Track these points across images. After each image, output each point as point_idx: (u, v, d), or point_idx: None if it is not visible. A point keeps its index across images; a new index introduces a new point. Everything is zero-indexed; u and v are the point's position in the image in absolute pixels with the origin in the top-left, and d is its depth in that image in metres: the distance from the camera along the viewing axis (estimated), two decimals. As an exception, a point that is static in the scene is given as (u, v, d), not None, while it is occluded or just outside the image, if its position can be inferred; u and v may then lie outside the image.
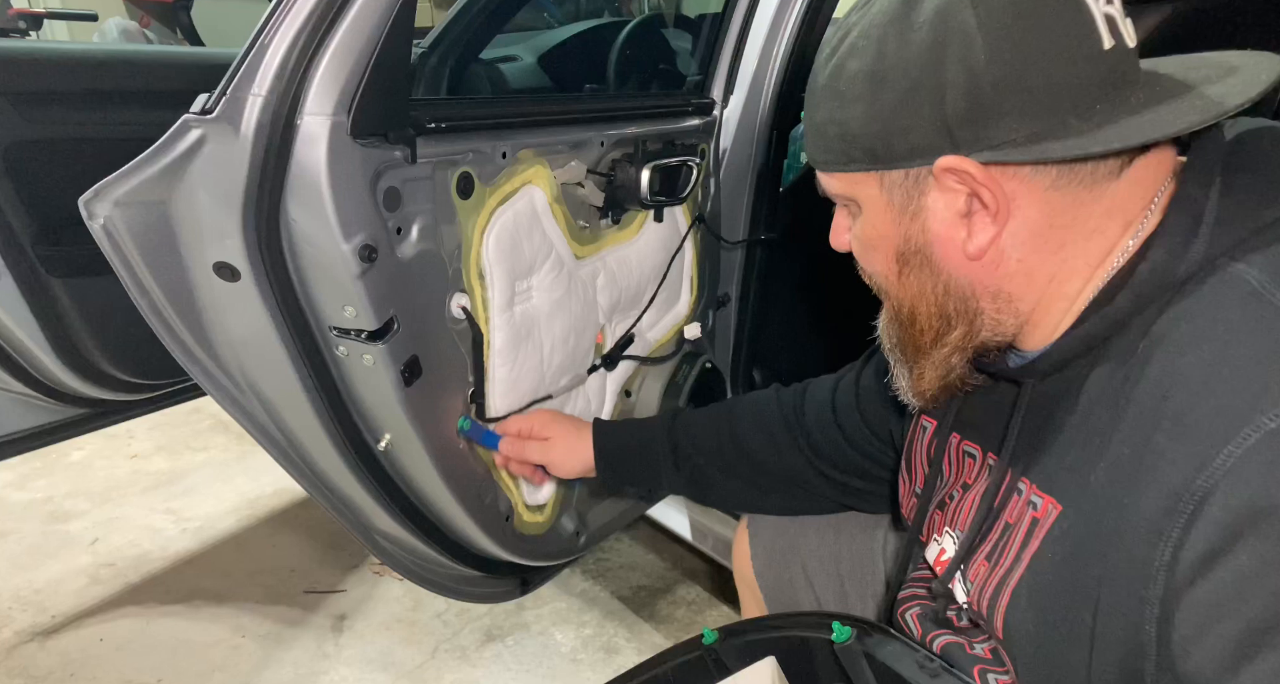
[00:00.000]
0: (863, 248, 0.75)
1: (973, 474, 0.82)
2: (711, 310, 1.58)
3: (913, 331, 0.74)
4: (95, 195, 0.79)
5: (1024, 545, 0.70)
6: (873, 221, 0.71)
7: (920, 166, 0.65)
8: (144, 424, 2.72)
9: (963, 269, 0.68)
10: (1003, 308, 0.69)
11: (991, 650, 0.77)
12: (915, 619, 0.85)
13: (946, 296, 0.70)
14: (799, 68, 1.50)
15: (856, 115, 0.66)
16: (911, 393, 0.79)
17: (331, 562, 2.09)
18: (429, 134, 0.91)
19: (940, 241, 0.68)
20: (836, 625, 0.81)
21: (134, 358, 1.48)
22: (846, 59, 0.66)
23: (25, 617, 1.90)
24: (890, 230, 0.70)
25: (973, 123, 0.61)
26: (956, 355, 0.73)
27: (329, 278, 0.86)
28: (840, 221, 0.79)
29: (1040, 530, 0.68)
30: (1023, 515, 0.71)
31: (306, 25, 0.76)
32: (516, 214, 1.06)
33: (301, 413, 0.98)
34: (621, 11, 2.50)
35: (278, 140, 0.78)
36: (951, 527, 0.83)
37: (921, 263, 0.70)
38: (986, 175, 0.62)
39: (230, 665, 1.76)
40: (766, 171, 1.54)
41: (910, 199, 0.67)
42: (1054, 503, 0.68)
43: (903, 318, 0.75)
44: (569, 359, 1.21)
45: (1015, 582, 0.70)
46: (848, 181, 0.71)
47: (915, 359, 0.76)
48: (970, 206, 0.65)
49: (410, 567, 1.27)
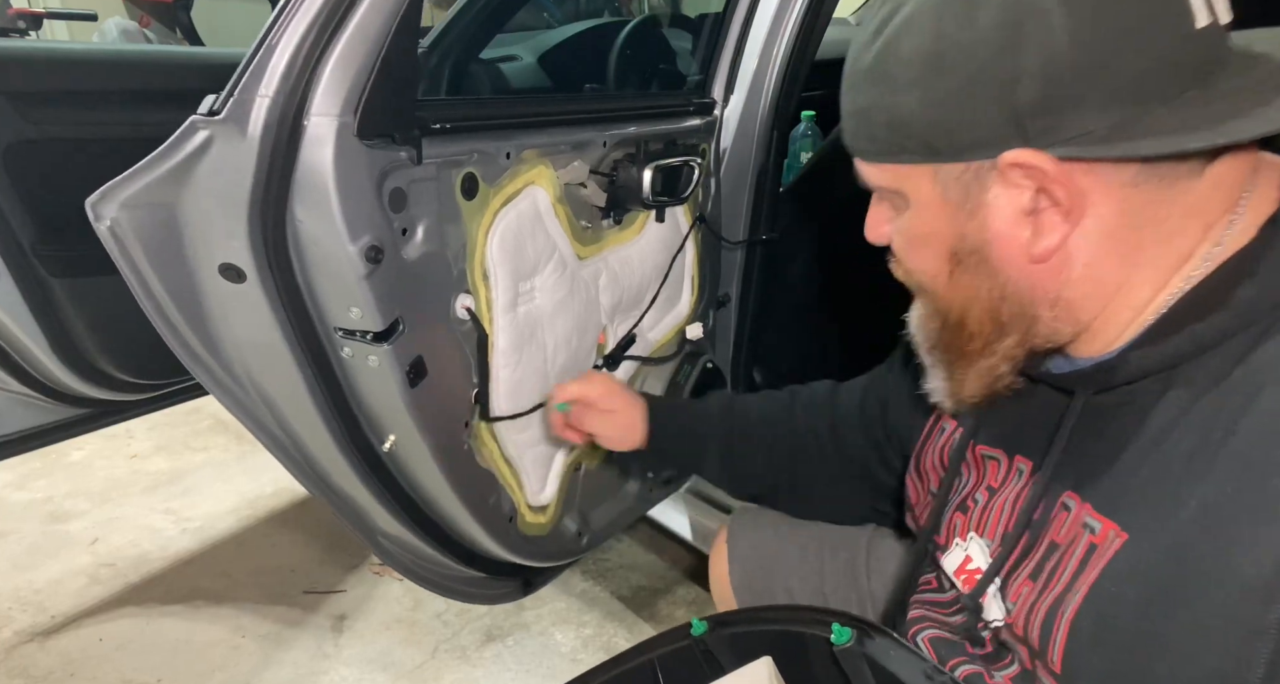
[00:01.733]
0: (908, 244, 0.70)
1: (998, 478, 0.77)
2: (712, 310, 1.58)
3: (960, 336, 0.69)
4: (102, 197, 0.79)
5: (1080, 571, 0.64)
6: (923, 217, 0.65)
7: (983, 160, 0.59)
8: (144, 424, 2.71)
9: (1023, 272, 0.63)
10: (1062, 316, 0.64)
11: (1014, 679, 0.72)
12: (928, 643, 0.81)
13: (1002, 301, 0.65)
14: (799, 68, 1.51)
15: (910, 102, 0.60)
16: (949, 398, 0.74)
17: (331, 562, 2.09)
18: (434, 135, 0.91)
19: (1001, 241, 0.62)
20: (836, 627, 0.78)
21: (134, 358, 1.48)
22: (899, 38, 0.60)
23: (25, 617, 1.90)
24: (943, 227, 0.64)
25: (1047, 113, 0.55)
26: (1006, 364, 0.68)
27: (335, 279, 0.86)
28: (879, 213, 0.73)
29: (1100, 558, 0.62)
30: (1076, 537, 0.65)
31: (314, 26, 0.77)
32: (520, 214, 1.06)
33: (306, 414, 0.98)
34: (621, 11, 2.50)
35: (284, 141, 0.78)
36: (979, 532, 0.78)
37: (977, 263, 0.64)
38: (1061, 171, 0.56)
39: (230, 665, 1.76)
40: (766, 171, 1.54)
41: (969, 194, 0.61)
42: (1117, 529, 0.62)
43: (950, 321, 0.69)
44: (572, 359, 1.21)
45: (1072, 613, 0.64)
46: (895, 174, 0.65)
47: (959, 364, 0.71)
48: (1037, 204, 0.59)
49: (412, 567, 1.27)
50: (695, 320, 1.50)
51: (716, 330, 1.62)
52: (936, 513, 0.84)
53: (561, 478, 1.28)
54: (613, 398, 1.11)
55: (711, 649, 0.87)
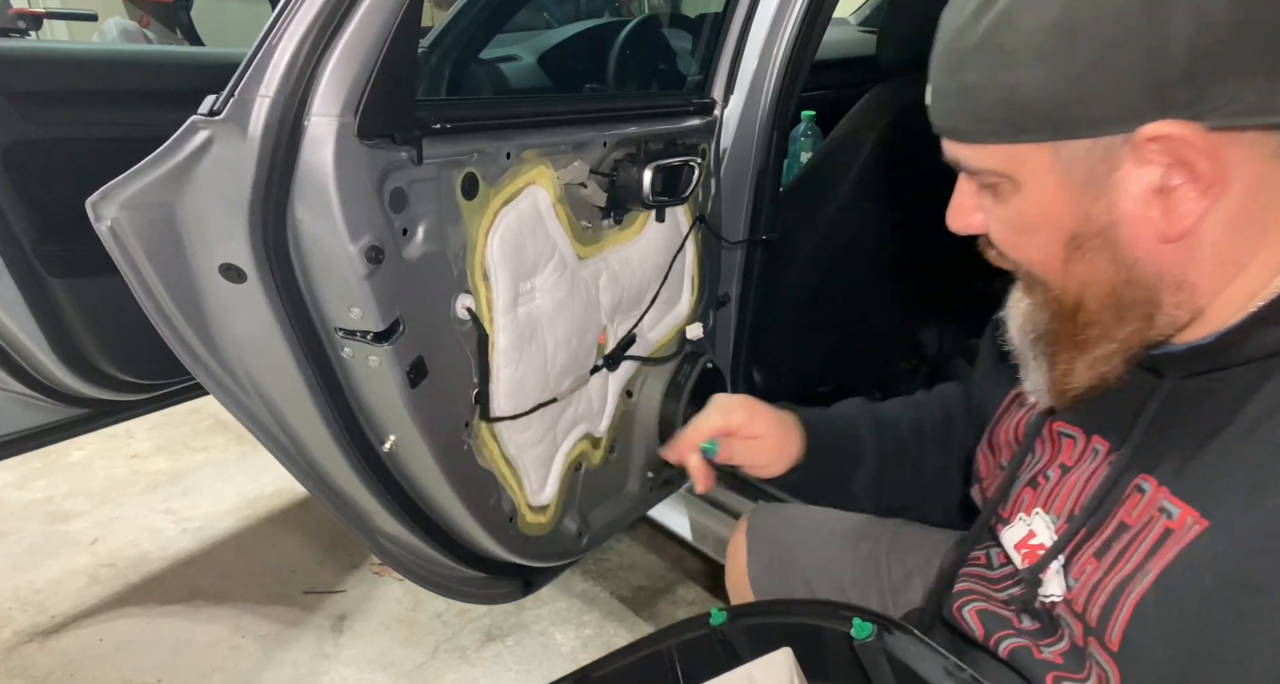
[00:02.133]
0: (1014, 231, 0.66)
1: (1072, 456, 0.75)
2: (712, 310, 1.58)
3: (1072, 325, 0.65)
4: (102, 197, 0.79)
5: (1151, 555, 0.63)
6: (1038, 200, 0.62)
7: (1115, 135, 0.56)
8: (144, 424, 2.71)
9: (1152, 254, 0.59)
10: (1183, 302, 0.61)
11: (1064, 655, 0.72)
12: (975, 616, 0.80)
13: (1128, 287, 0.61)
14: (799, 68, 1.51)
15: (1034, 78, 0.56)
16: (1051, 391, 0.70)
17: (331, 562, 2.09)
18: (435, 135, 0.91)
19: (1130, 222, 0.59)
20: (857, 621, 0.77)
21: (134, 358, 1.48)
22: (1015, 10, 0.56)
23: (25, 617, 1.90)
24: (1063, 210, 0.61)
25: (1194, 81, 0.52)
26: (1120, 354, 0.64)
27: (335, 279, 0.86)
28: (969, 200, 0.69)
29: (1175, 543, 0.61)
30: (1150, 521, 0.64)
31: (314, 26, 0.76)
32: (520, 214, 1.06)
33: (306, 414, 0.98)
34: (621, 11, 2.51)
35: (285, 141, 0.78)
36: (1045, 508, 0.76)
37: (1100, 247, 0.61)
38: (1208, 143, 0.53)
39: (230, 665, 1.76)
40: (766, 171, 1.54)
41: (1095, 173, 0.58)
42: (1196, 517, 0.60)
43: (1063, 309, 0.65)
44: (572, 359, 1.21)
45: (1139, 594, 0.63)
46: (1006, 155, 0.61)
47: (1068, 355, 0.67)
48: (1168, 180, 0.56)
49: (412, 567, 1.27)
50: (695, 320, 1.50)
51: (716, 330, 1.62)
52: (1005, 486, 0.81)
53: (561, 478, 1.28)
54: (756, 421, 1.00)
55: (729, 639, 0.88)
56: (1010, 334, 0.74)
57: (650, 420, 1.43)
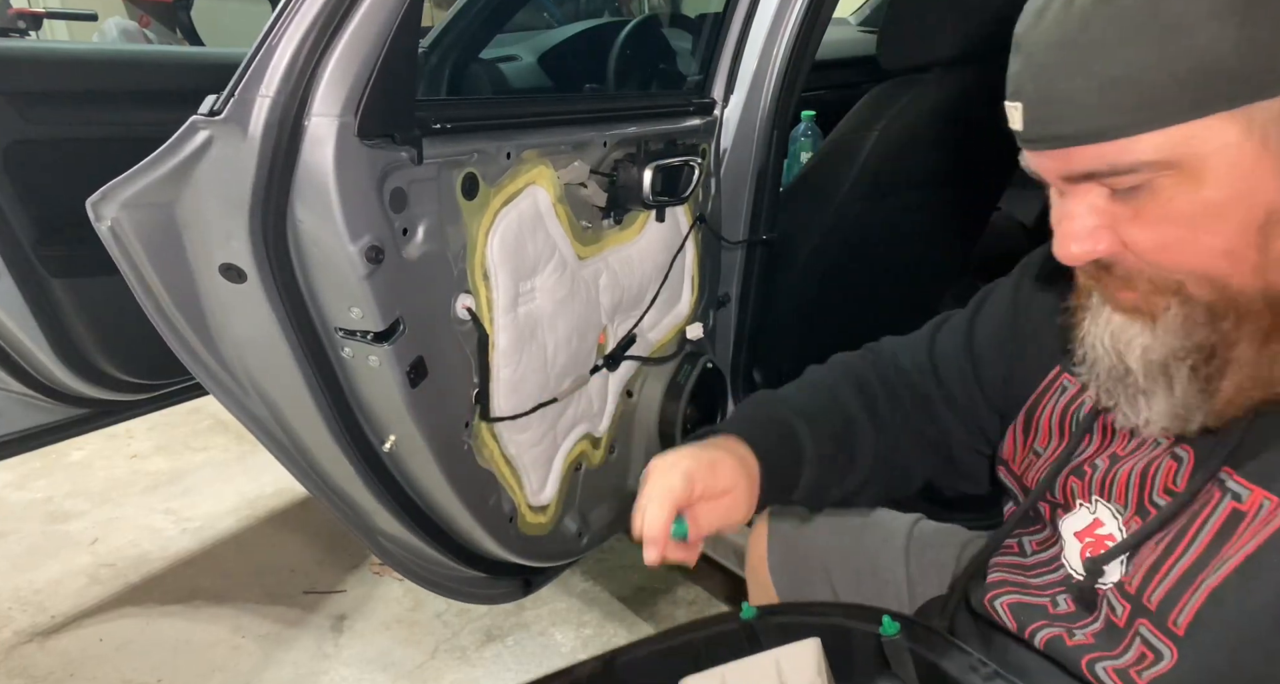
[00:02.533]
0: (1184, 231, 0.57)
1: (1126, 446, 0.71)
2: (712, 310, 1.58)
3: (1264, 323, 0.58)
4: (103, 197, 0.79)
5: (1221, 539, 0.59)
6: (1225, 181, 0.54)
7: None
8: (144, 424, 2.71)
9: None
10: None
11: (1097, 635, 0.69)
12: (1007, 608, 0.78)
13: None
14: (799, 68, 1.51)
15: (1218, 40, 0.50)
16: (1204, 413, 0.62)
17: (331, 562, 2.09)
18: (435, 135, 0.91)
19: None
20: (887, 619, 0.78)
21: (134, 358, 1.48)
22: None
23: (25, 617, 1.90)
24: (1261, 185, 0.54)
25: None
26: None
27: (335, 279, 0.87)
28: (1091, 218, 0.60)
29: (1261, 530, 0.57)
30: (1212, 502, 0.61)
31: (314, 26, 0.77)
32: (520, 214, 1.06)
33: (306, 414, 0.98)
34: (621, 11, 2.50)
35: (285, 141, 0.78)
36: (1103, 496, 0.72)
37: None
38: None
39: (230, 665, 1.76)
40: (766, 171, 1.54)
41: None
42: (1278, 503, 0.57)
43: (1252, 304, 0.58)
44: (572, 360, 1.21)
45: (1217, 581, 0.59)
46: (1176, 140, 0.54)
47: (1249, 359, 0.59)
48: None
49: (412, 567, 1.27)
50: (695, 320, 1.50)
51: (716, 330, 1.62)
52: (1053, 475, 0.77)
53: (561, 478, 1.28)
54: (720, 476, 0.82)
55: (758, 634, 0.88)
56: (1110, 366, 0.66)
57: (650, 420, 1.44)
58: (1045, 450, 0.81)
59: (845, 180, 1.78)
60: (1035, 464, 0.83)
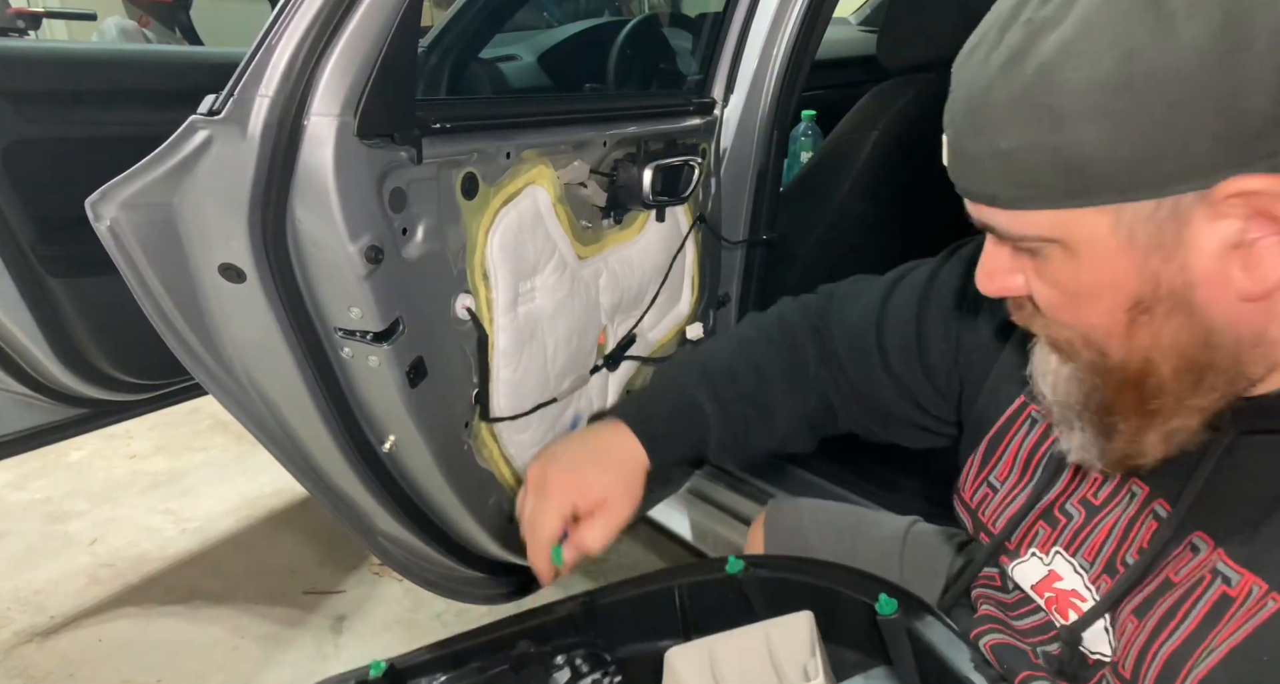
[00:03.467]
0: (1069, 298, 0.60)
1: (1100, 494, 0.71)
2: (712, 310, 1.58)
3: (1137, 394, 0.60)
4: (102, 197, 0.79)
5: (1212, 624, 0.59)
6: (1095, 266, 0.56)
7: (1188, 193, 0.51)
8: (143, 424, 2.71)
9: (1231, 314, 0.54)
10: (1259, 358, 0.56)
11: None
12: (990, 651, 0.76)
13: (1204, 350, 0.56)
14: (799, 67, 1.51)
15: (1090, 139, 0.51)
16: (1105, 459, 0.64)
17: (331, 562, 2.09)
18: (434, 134, 0.91)
19: (1206, 282, 0.53)
20: (884, 597, 0.77)
21: (133, 358, 1.48)
22: (1059, 66, 0.51)
23: (24, 617, 1.90)
24: (1125, 275, 0.55)
25: (1276, 131, 0.48)
26: (1198, 420, 0.59)
27: (335, 279, 0.86)
28: (1002, 262, 0.63)
29: (1245, 616, 0.57)
30: (1202, 583, 0.60)
31: (314, 26, 0.76)
32: (520, 214, 1.06)
33: (306, 414, 0.98)
34: (621, 11, 2.50)
35: (284, 141, 0.78)
36: (1068, 550, 0.72)
37: (1170, 310, 0.55)
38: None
39: (230, 666, 1.76)
40: (767, 171, 1.54)
41: (1163, 234, 0.53)
42: (1269, 592, 0.57)
43: (1127, 377, 0.60)
44: (572, 360, 1.21)
45: (1205, 670, 0.58)
46: (1057, 221, 0.55)
47: (1129, 424, 0.61)
48: (1246, 234, 0.51)
49: (412, 568, 1.27)
50: (695, 320, 1.50)
51: (716, 330, 1.62)
52: (1023, 515, 0.76)
53: (562, 478, 1.28)
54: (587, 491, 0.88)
55: (744, 588, 0.87)
56: (1040, 392, 0.68)
57: (650, 420, 1.43)
58: (1002, 485, 0.80)
59: (845, 180, 1.78)
60: (991, 499, 0.81)
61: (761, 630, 0.82)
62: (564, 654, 0.88)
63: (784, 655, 0.81)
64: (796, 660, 0.81)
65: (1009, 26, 0.54)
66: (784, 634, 0.81)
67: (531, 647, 0.87)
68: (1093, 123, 0.51)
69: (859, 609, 0.80)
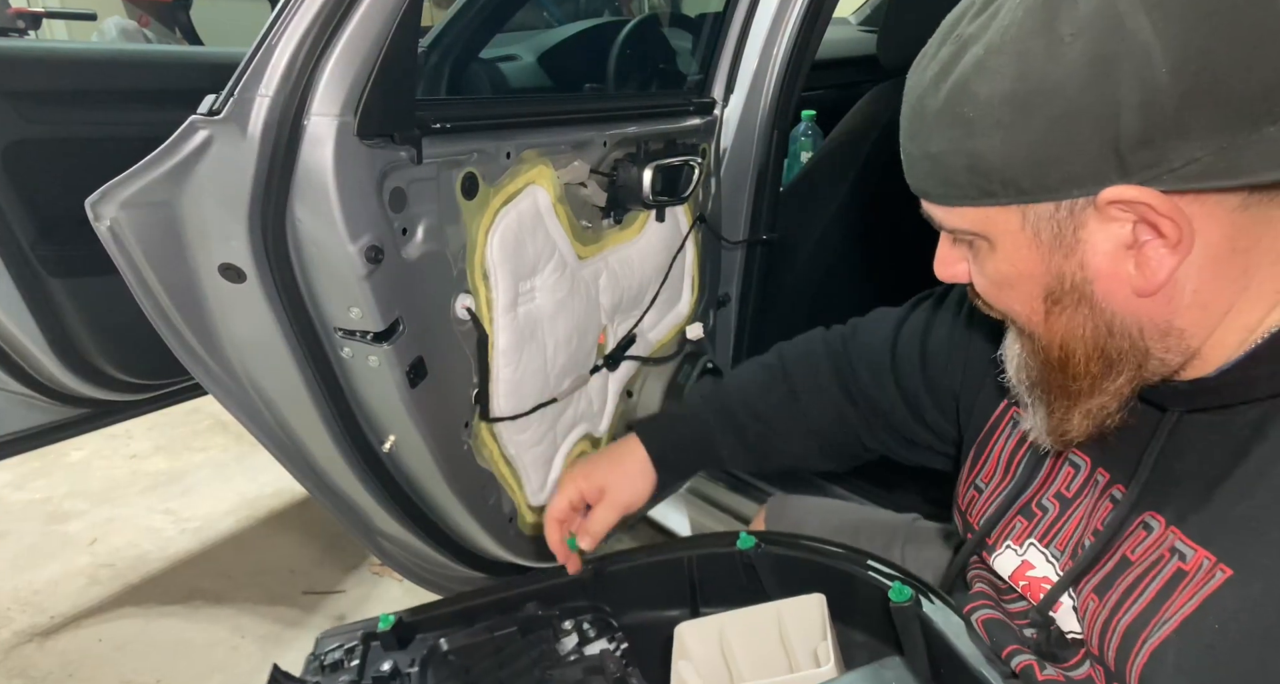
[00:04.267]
0: (995, 287, 0.67)
1: (1071, 486, 0.76)
2: (712, 310, 1.58)
3: (1063, 376, 0.66)
4: (102, 197, 0.79)
5: (1165, 597, 0.63)
6: (1011, 259, 0.63)
7: (1079, 198, 0.56)
8: (143, 424, 2.71)
9: (1129, 306, 0.60)
10: (1172, 346, 0.61)
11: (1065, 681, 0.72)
12: (981, 626, 0.79)
13: (1110, 338, 0.62)
14: (799, 67, 1.51)
15: (994, 145, 0.56)
16: (1051, 436, 0.70)
17: (331, 562, 2.09)
18: (434, 134, 0.91)
19: (1103, 278, 0.59)
20: (898, 584, 0.78)
21: (133, 358, 1.48)
22: (972, 80, 0.56)
23: (24, 617, 1.90)
24: (1036, 268, 0.62)
25: (1149, 145, 0.52)
26: (1115, 402, 0.65)
27: (335, 279, 0.86)
28: (952, 252, 0.70)
29: (1196, 589, 0.61)
30: (1160, 560, 0.64)
31: (314, 25, 0.76)
32: (520, 214, 1.06)
33: (306, 414, 0.98)
34: (621, 11, 2.50)
35: (284, 141, 0.78)
36: (1042, 541, 0.77)
37: (1077, 302, 0.62)
38: (1168, 205, 0.53)
39: (229, 666, 1.76)
40: (767, 171, 1.54)
41: (1063, 233, 0.58)
42: (1216, 563, 0.60)
43: (1051, 360, 0.66)
44: (572, 360, 1.21)
45: (1158, 640, 0.62)
46: (977, 217, 0.62)
47: (1062, 403, 0.68)
48: (1137, 237, 0.57)
49: (412, 568, 1.27)
50: (695, 320, 1.50)
51: (716, 330, 1.62)
52: (1000, 513, 0.81)
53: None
54: (591, 477, 1.01)
55: (754, 564, 0.87)
56: (1008, 374, 0.74)
57: (650, 420, 1.43)
58: (988, 486, 0.84)
59: (845, 180, 1.78)
60: (977, 500, 0.85)
61: (773, 610, 0.82)
62: (571, 618, 0.89)
63: (795, 637, 0.81)
64: (808, 643, 0.81)
65: (944, 41, 0.60)
66: (796, 616, 0.81)
67: (539, 609, 0.88)
68: (995, 132, 0.56)
69: (872, 594, 0.80)
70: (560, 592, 0.93)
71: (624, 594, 0.93)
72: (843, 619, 0.83)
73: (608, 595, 0.92)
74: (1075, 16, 0.52)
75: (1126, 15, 0.51)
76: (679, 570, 0.91)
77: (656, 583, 0.93)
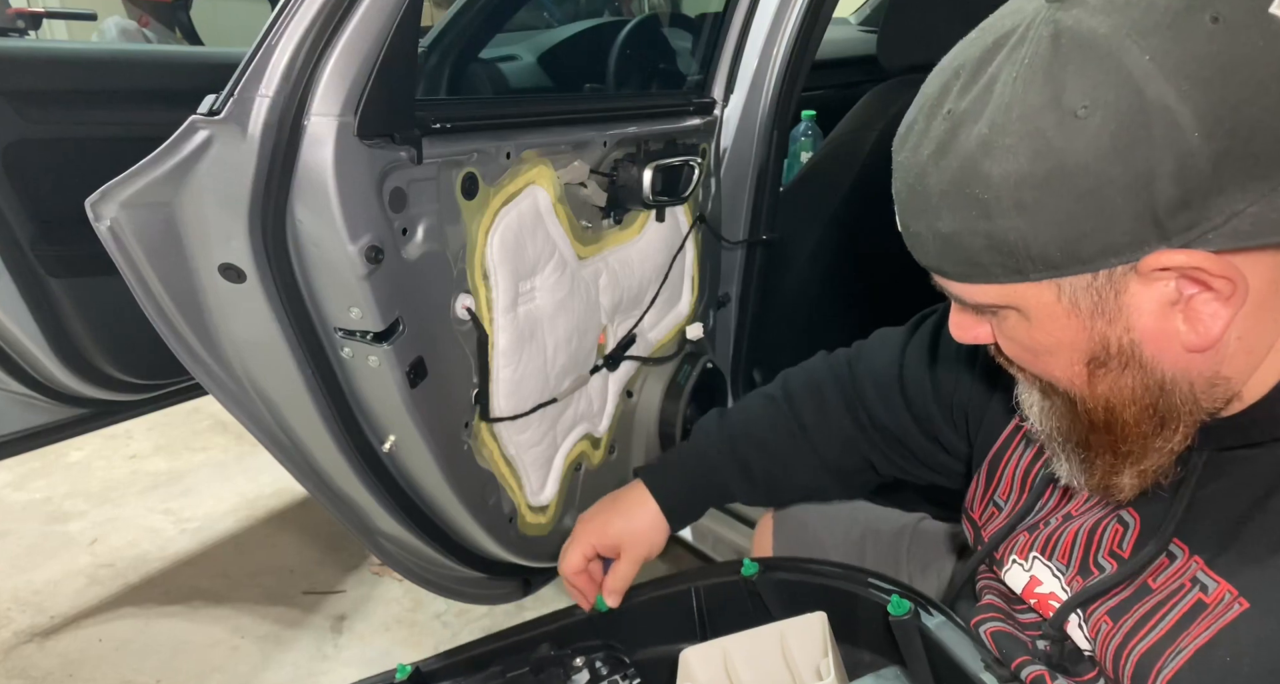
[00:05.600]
0: (1031, 354, 0.64)
1: (1079, 506, 0.75)
2: (712, 310, 1.58)
3: (1109, 437, 0.63)
4: (102, 197, 0.79)
5: (1183, 627, 0.62)
6: (1048, 329, 0.60)
7: (1118, 266, 0.54)
8: (143, 424, 2.71)
9: (1182, 363, 0.58)
10: (1219, 394, 0.60)
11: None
12: (990, 637, 0.79)
13: (1162, 395, 0.60)
14: (799, 67, 1.51)
15: (1018, 226, 0.54)
16: (1092, 490, 0.69)
17: (331, 562, 2.09)
18: (434, 134, 0.90)
19: (1152, 339, 0.57)
20: (896, 598, 0.78)
21: (133, 358, 1.48)
22: (980, 162, 0.54)
23: (24, 617, 1.90)
24: (1078, 337, 0.59)
25: (1187, 207, 0.50)
26: (1169, 459, 0.63)
27: (335, 279, 0.86)
28: (966, 318, 0.68)
29: (1212, 620, 0.61)
30: (1181, 590, 0.64)
31: (314, 25, 0.76)
32: (520, 214, 1.06)
33: (306, 414, 0.98)
34: (621, 11, 2.50)
35: (285, 141, 0.78)
36: (1044, 554, 0.77)
37: (1124, 364, 0.59)
38: (1223, 264, 0.52)
39: (229, 666, 1.76)
40: (767, 171, 1.54)
41: (1104, 300, 0.56)
42: (1236, 596, 0.60)
43: (1095, 421, 0.64)
44: (572, 360, 1.21)
45: (1173, 671, 0.62)
46: (1006, 293, 0.59)
47: (1106, 460, 0.65)
48: (1182, 292, 0.55)
49: (412, 568, 1.27)
50: (695, 320, 1.50)
51: (716, 330, 1.62)
52: (1009, 529, 0.81)
53: (561, 478, 1.28)
54: (604, 533, 1.01)
55: (759, 590, 0.87)
56: (1028, 418, 0.71)
57: (650, 420, 1.43)
58: (1006, 504, 0.83)
59: (845, 180, 1.78)
60: (996, 517, 0.84)
61: (776, 631, 0.82)
62: (583, 656, 0.90)
63: (798, 655, 0.82)
64: (810, 660, 0.81)
65: (934, 115, 0.58)
66: (798, 634, 0.82)
67: (551, 649, 0.88)
68: (1015, 213, 0.54)
69: (872, 610, 0.81)
70: (571, 631, 0.93)
71: (634, 629, 0.94)
72: (849, 639, 0.84)
73: (618, 632, 0.92)
74: (1084, 89, 0.50)
75: (1145, 84, 0.49)
76: (687, 601, 0.92)
77: (665, 616, 0.94)
